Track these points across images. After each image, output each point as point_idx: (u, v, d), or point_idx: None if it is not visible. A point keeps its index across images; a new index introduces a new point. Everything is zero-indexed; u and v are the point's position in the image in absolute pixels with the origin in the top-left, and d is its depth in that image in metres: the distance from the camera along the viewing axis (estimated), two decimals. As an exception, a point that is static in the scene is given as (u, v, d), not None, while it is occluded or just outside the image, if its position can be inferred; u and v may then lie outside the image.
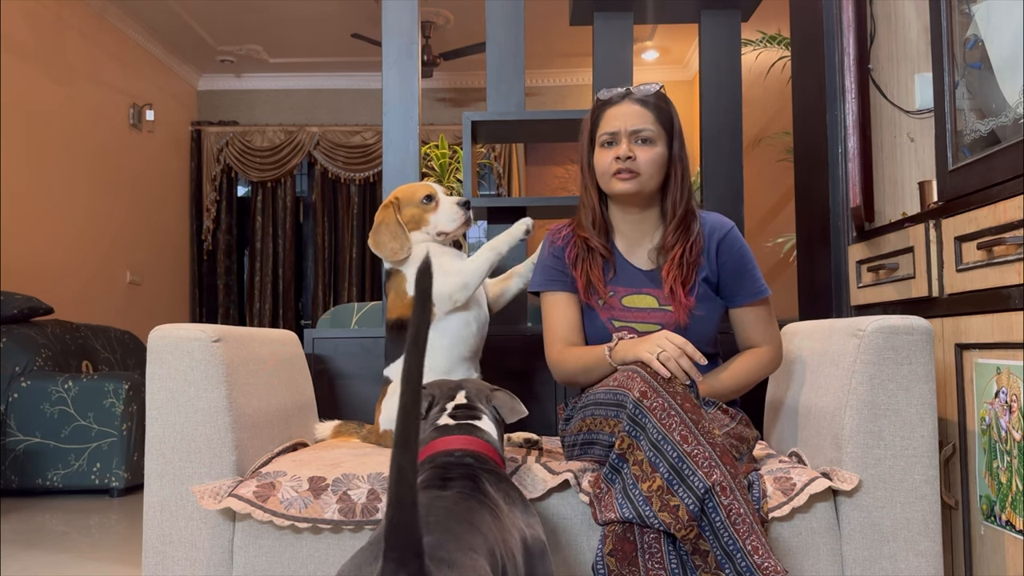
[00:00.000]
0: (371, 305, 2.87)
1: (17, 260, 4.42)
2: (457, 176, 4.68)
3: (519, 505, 1.14)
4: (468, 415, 1.28)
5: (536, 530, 1.13)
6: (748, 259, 1.64)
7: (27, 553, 2.60)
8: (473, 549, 0.89)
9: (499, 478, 1.15)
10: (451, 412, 1.29)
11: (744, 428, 1.48)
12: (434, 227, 1.84)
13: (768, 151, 5.33)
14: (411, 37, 2.38)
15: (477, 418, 1.28)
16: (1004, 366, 1.44)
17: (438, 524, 0.92)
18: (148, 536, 1.43)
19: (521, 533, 1.09)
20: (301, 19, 5.81)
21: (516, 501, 1.14)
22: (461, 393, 1.33)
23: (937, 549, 1.37)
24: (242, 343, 1.56)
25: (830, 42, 2.19)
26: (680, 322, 1.58)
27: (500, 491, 1.12)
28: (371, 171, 6.82)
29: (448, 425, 1.25)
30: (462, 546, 0.88)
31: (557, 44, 6.11)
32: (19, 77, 4.53)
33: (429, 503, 0.99)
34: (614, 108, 1.62)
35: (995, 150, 1.52)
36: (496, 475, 1.15)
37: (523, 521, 1.12)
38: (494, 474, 1.15)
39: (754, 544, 1.18)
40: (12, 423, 3.62)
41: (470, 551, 0.88)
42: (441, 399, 1.33)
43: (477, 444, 1.20)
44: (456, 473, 1.12)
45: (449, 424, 1.25)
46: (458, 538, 0.90)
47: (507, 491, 1.14)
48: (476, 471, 1.13)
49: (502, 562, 0.95)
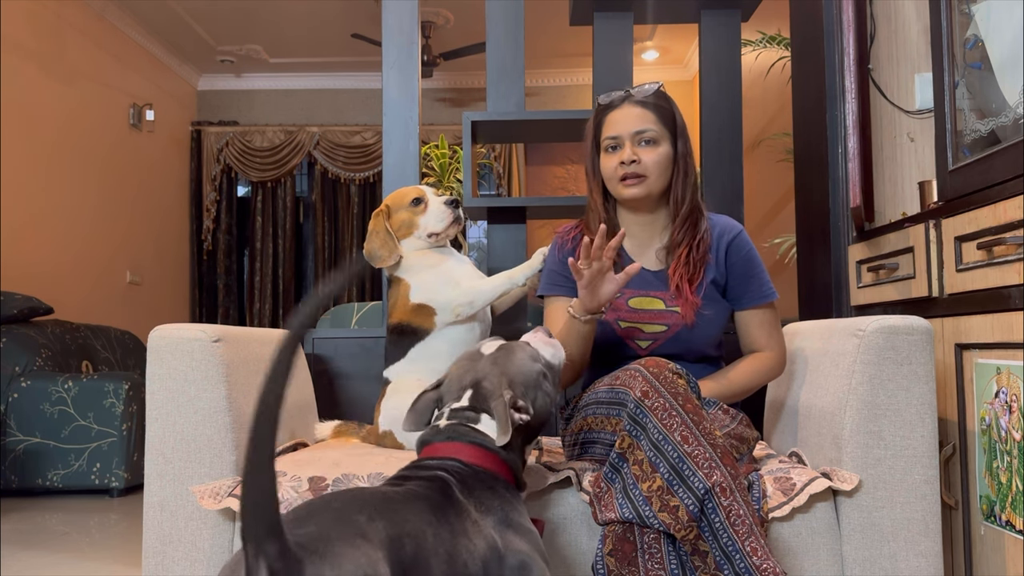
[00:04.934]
0: (371, 305, 2.88)
1: (17, 260, 4.42)
2: (457, 176, 4.68)
3: (495, 515, 1.08)
4: (463, 417, 1.20)
5: (518, 545, 1.07)
6: (756, 262, 1.64)
7: (27, 553, 2.60)
8: (365, 537, 0.87)
9: (482, 487, 1.10)
10: (448, 414, 1.22)
11: (744, 428, 1.48)
12: (424, 229, 1.84)
13: (768, 151, 5.33)
14: (411, 37, 2.38)
15: (474, 420, 1.20)
16: (1004, 366, 1.44)
17: (336, 514, 0.90)
18: (148, 536, 1.43)
19: (490, 542, 1.04)
20: (301, 19, 5.81)
21: (492, 511, 1.08)
22: (467, 395, 1.24)
23: (937, 549, 1.37)
24: (242, 343, 1.56)
25: (830, 42, 2.19)
26: (687, 322, 1.57)
27: (473, 498, 1.07)
28: (371, 171, 6.82)
29: (438, 428, 1.20)
30: (348, 535, 0.86)
31: (557, 44, 6.11)
32: (19, 77, 4.52)
33: (354, 497, 0.96)
34: (615, 112, 1.62)
35: (995, 150, 1.52)
36: (481, 483, 1.10)
37: (495, 531, 1.06)
38: (478, 482, 1.10)
39: (753, 545, 1.18)
40: (12, 423, 3.62)
41: (360, 540, 0.86)
42: (449, 399, 1.26)
43: (466, 451, 1.14)
44: (423, 475, 1.08)
45: (439, 427, 1.20)
46: (347, 527, 0.87)
47: (484, 500, 1.09)
48: (451, 475, 1.09)
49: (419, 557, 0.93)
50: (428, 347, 1.79)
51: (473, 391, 1.22)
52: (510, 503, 1.12)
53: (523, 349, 1.29)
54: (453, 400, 1.24)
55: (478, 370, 1.25)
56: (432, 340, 1.79)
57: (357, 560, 0.83)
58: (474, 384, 1.23)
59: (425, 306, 1.79)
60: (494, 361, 1.25)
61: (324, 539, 0.84)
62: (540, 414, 1.25)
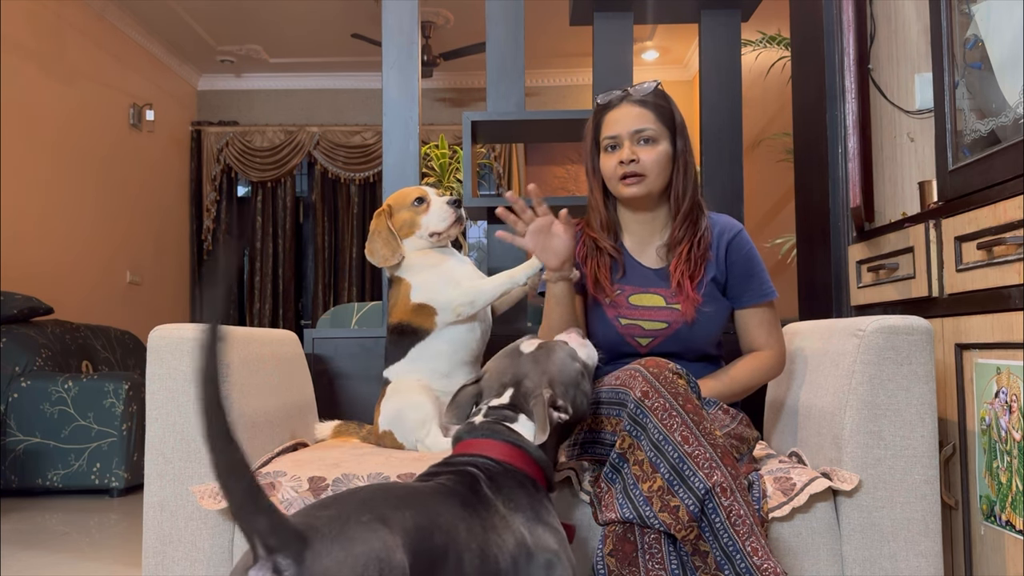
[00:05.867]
0: (371, 305, 2.88)
1: (17, 260, 4.42)
2: (457, 176, 4.68)
3: (524, 512, 1.09)
4: (501, 416, 1.20)
5: (547, 542, 1.08)
6: (756, 261, 1.65)
7: (27, 553, 2.60)
8: (385, 523, 0.86)
9: (511, 483, 1.10)
10: (486, 411, 1.22)
11: (744, 428, 1.48)
12: (426, 228, 1.84)
13: (768, 151, 5.33)
14: (411, 37, 2.38)
15: (511, 420, 1.20)
16: (1004, 366, 1.44)
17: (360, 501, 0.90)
18: (148, 536, 1.43)
19: (519, 538, 1.05)
20: (301, 19, 5.81)
21: (521, 508, 1.09)
22: (509, 393, 1.24)
23: (937, 549, 1.37)
24: (242, 343, 1.56)
25: (830, 42, 2.19)
26: (687, 319, 1.58)
27: (502, 495, 1.08)
28: (371, 171, 6.82)
29: (474, 425, 1.21)
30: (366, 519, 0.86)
31: (557, 44, 6.11)
32: (19, 77, 4.52)
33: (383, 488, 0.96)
34: (614, 111, 1.62)
35: (995, 150, 1.52)
36: (510, 480, 1.11)
37: (524, 527, 1.07)
38: (508, 479, 1.11)
39: (754, 545, 1.18)
40: (12, 423, 3.62)
41: (379, 524, 0.86)
42: (488, 395, 1.26)
43: (498, 449, 1.15)
44: (453, 470, 1.09)
45: (474, 424, 1.21)
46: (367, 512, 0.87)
47: (514, 497, 1.09)
48: (481, 471, 1.10)
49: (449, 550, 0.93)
50: (428, 347, 1.79)
51: (514, 389, 1.24)
52: (540, 502, 1.13)
53: (562, 348, 1.29)
54: (493, 396, 1.25)
55: (519, 368, 1.26)
56: (432, 340, 1.79)
57: (370, 543, 0.83)
58: (515, 382, 1.24)
59: (426, 306, 1.79)
60: (535, 360, 1.26)
61: (340, 521, 0.84)
62: (579, 413, 1.27)
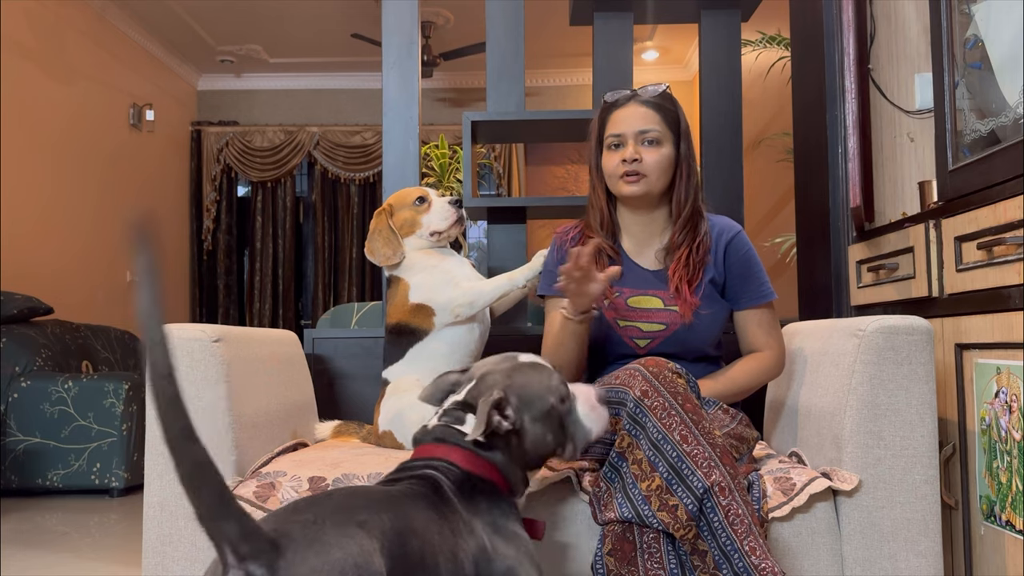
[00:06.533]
0: (371, 305, 2.88)
1: (17, 260, 4.42)
2: (457, 176, 4.68)
3: (482, 517, 1.07)
4: (453, 417, 1.17)
5: (505, 550, 1.06)
6: (755, 262, 1.65)
7: (27, 553, 2.60)
8: (362, 527, 0.85)
9: (471, 489, 1.09)
10: (442, 411, 1.20)
11: (744, 428, 1.48)
12: (427, 228, 1.84)
13: (768, 151, 5.33)
14: (411, 37, 2.38)
15: (460, 421, 1.16)
16: (1004, 366, 1.44)
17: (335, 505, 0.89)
18: (148, 536, 1.43)
19: (479, 543, 1.04)
20: (301, 19, 5.81)
21: (480, 513, 1.08)
22: (467, 388, 1.20)
23: (937, 549, 1.37)
24: (242, 343, 1.56)
25: (830, 42, 2.19)
26: (686, 321, 1.58)
27: (463, 498, 1.07)
28: (371, 171, 6.82)
29: (426, 429, 1.18)
30: (343, 523, 0.84)
31: (557, 44, 6.11)
32: (19, 77, 4.52)
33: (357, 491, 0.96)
34: (620, 110, 1.62)
35: (995, 150, 1.52)
36: (469, 485, 1.09)
37: (484, 532, 1.06)
38: (467, 483, 1.09)
39: (752, 545, 1.18)
40: (12, 423, 3.62)
41: (356, 529, 0.84)
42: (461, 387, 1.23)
43: (454, 453, 1.12)
44: (415, 474, 1.08)
45: (426, 427, 1.18)
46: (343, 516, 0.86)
47: (474, 501, 1.08)
48: (442, 474, 1.08)
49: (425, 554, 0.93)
50: (427, 348, 1.79)
51: (475, 384, 1.20)
52: (499, 507, 1.11)
53: (549, 376, 1.21)
54: (463, 388, 1.21)
55: (492, 369, 1.22)
56: (431, 341, 1.79)
57: (348, 549, 0.82)
58: (480, 379, 1.21)
59: (424, 306, 1.79)
60: (513, 368, 1.21)
61: (315, 526, 0.82)
62: (532, 438, 1.17)
